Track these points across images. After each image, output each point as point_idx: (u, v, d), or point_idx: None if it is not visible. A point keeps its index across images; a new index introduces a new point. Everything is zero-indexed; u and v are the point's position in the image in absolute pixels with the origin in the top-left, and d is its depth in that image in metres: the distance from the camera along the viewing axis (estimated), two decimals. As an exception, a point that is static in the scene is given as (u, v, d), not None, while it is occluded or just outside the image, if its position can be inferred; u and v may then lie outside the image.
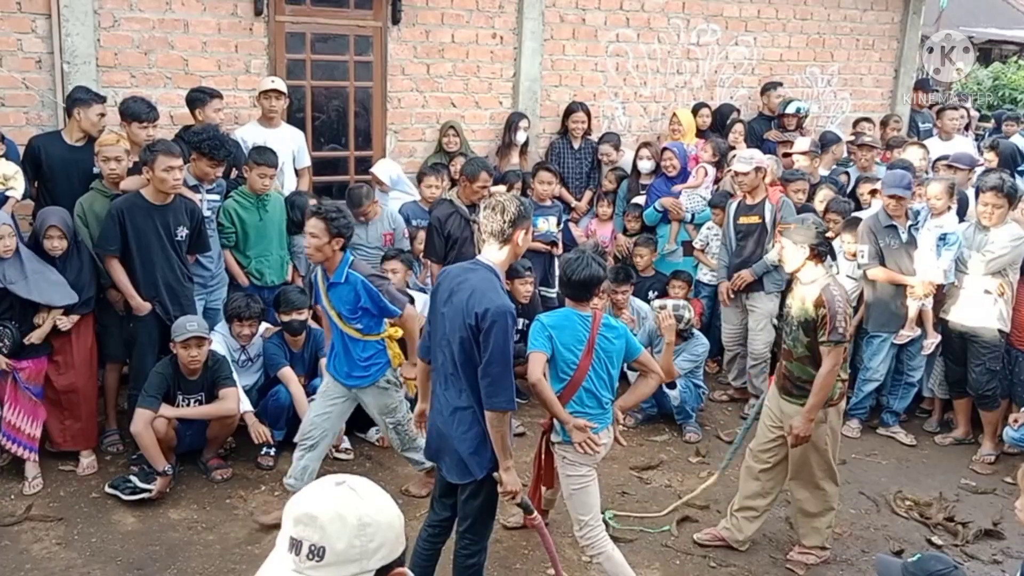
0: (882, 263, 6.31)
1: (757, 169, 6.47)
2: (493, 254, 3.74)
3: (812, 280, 4.57)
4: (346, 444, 5.87)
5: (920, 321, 6.41)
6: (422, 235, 6.60)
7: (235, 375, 5.56)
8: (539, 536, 4.04)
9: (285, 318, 5.79)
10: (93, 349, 5.54)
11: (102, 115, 5.76)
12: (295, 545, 1.64)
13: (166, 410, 5.24)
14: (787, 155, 7.93)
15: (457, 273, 3.77)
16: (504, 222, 3.67)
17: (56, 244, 5.18)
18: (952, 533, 5.23)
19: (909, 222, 6.33)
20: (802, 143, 7.95)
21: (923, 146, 7.94)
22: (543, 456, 4.42)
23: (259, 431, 5.52)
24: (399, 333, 4.96)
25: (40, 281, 5.11)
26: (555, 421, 4.20)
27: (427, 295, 6.53)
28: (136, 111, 5.82)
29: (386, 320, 4.82)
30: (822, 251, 4.61)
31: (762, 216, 6.51)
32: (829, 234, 6.77)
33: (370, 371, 4.80)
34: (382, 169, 7.13)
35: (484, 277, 3.65)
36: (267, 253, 6.15)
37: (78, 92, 5.80)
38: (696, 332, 6.48)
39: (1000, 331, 6.10)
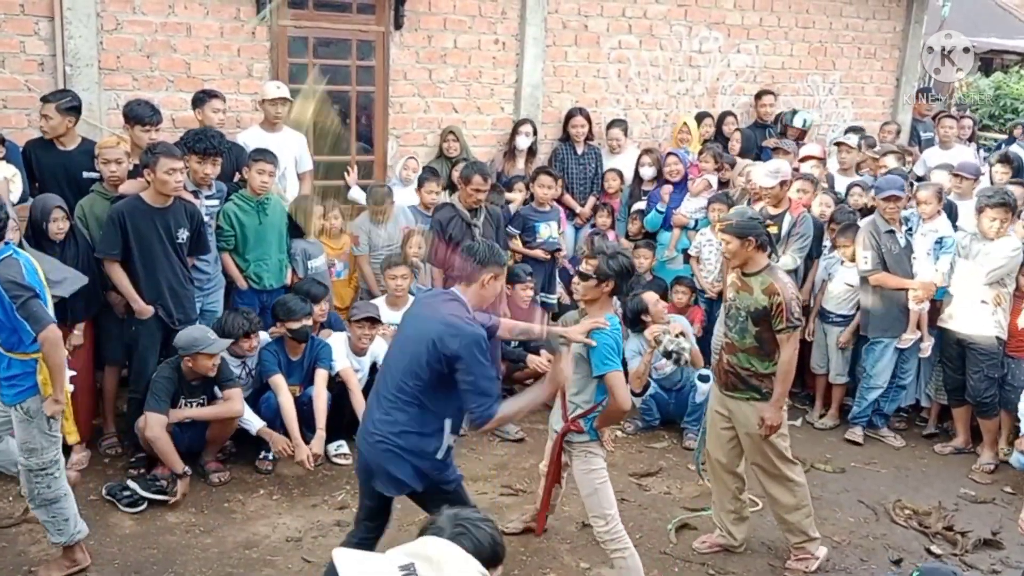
0: (884, 268, 6.34)
1: (782, 183, 6.53)
2: (462, 289, 3.89)
3: (758, 270, 4.61)
4: (344, 449, 5.86)
5: (918, 324, 6.48)
6: (415, 239, 6.68)
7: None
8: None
9: (294, 325, 5.77)
10: (90, 345, 5.55)
11: (46, 116, 5.66)
12: (407, 569, 1.73)
13: (172, 413, 5.25)
14: (802, 160, 7.90)
15: (430, 298, 3.96)
16: (471, 264, 3.83)
17: (62, 226, 5.20)
18: (951, 542, 5.22)
19: (904, 227, 6.42)
20: (812, 148, 7.94)
21: (898, 152, 8.03)
22: (558, 458, 4.41)
23: (278, 442, 5.52)
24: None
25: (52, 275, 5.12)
26: (581, 421, 4.24)
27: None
28: (139, 114, 5.82)
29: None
30: (764, 241, 4.66)
31: (779, 226, 6.53)
32: (826, 243, 6.89)
33: (13, 391, 4.13)
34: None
35: (454, 308, 3.76)
36: (266, 257, 6.13)
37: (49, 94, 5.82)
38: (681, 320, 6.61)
39: (998, 338, 6.12)
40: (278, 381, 5.66)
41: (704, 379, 6.26)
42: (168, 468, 5.19)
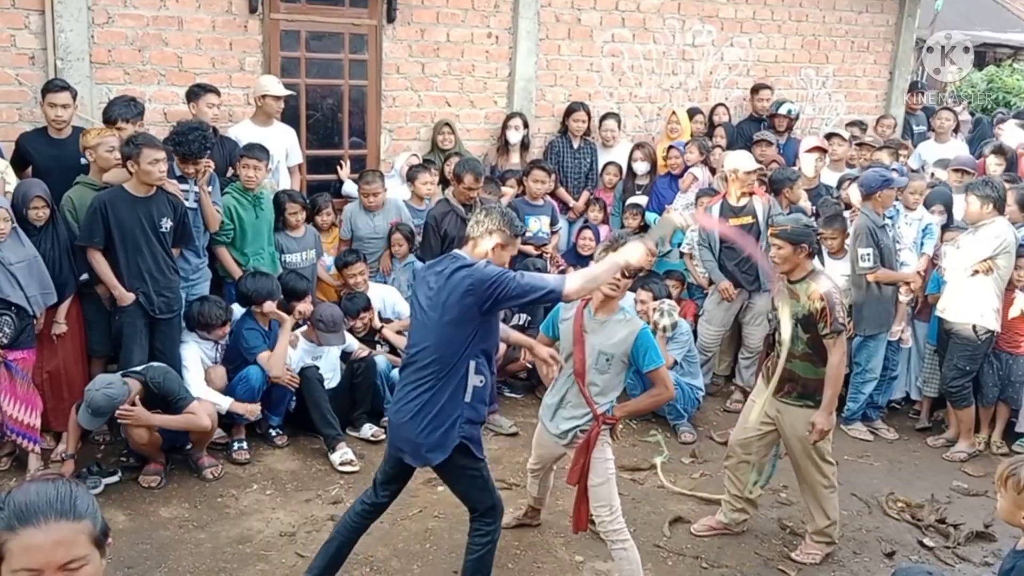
0: (882, 263, 6.35)
1: (756, 170, 6.64)
2: (467, 251, 3.89)
3: (803, 276, 4.60)
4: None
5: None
6: (396, 236, 6.76)
7: (192, 383, 5.53)
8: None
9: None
10: (80, 334, 5.57)
11: (64, 106, 5.67)
12: None
13: (141, 413, 5.12)
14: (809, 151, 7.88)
15: (435, 265, 3.91)
16: (482, 225, 3.84)
17: (41, 214, 5.20)
18: (944, 535, 5.24)
19: (886, 218, 6.50)
20: (810, 141, 7.93)
21: (892, 148, 8.07)
22: (587, 457, 4.31)
23: (248, 410, 5.61)
24: None
25: (33, 273, 5.13)
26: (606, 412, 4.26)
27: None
28: (115, 114, 5.82)
29: None
30: (816, 249, 4.68)
31: (754, 215, 6.55)
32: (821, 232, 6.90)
33: None
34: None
35: (464, 263, 3.77)
36: (261, 251, 6.17)
37: (47, 83, 5.81)
38: (681, 322, 6.57)
39: (974, 327, 6.17)
40: (266, 358, 5.72)
41: None
42: (155, 461, 5.27)
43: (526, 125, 7.80)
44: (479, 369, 3.82)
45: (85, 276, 5.49)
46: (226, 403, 5.57)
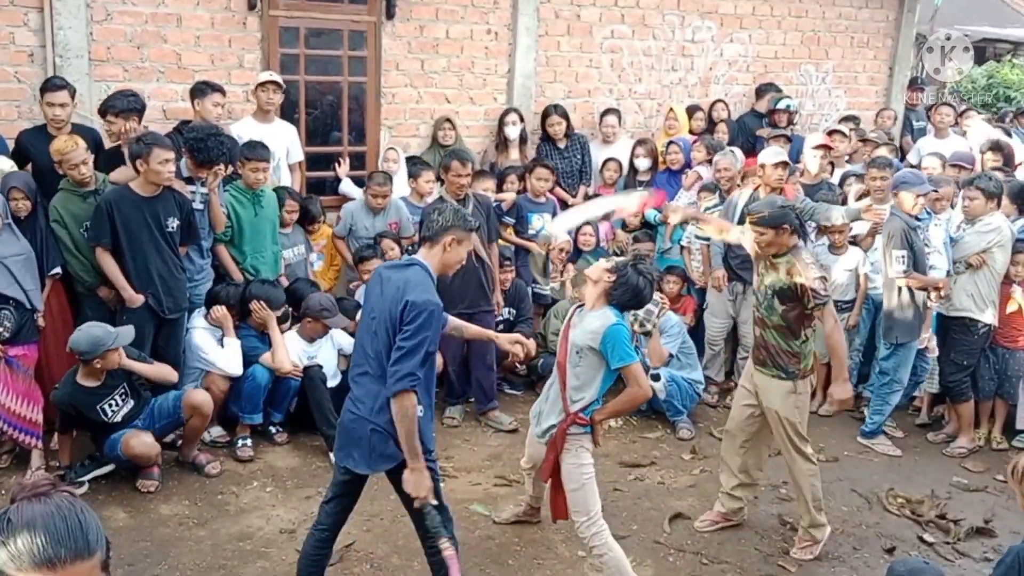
0: (914, 267, 6.06)
1: (784, 164, 6.52)
2: (424, 253, 3.83)
3: (785, 252, 4.65)
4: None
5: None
6: (386, 242, 6.69)
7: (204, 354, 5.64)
8: (449, 565, 3.69)
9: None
10: (68, 326, 5.55)
11: (63, 105, 5.64)
12: None
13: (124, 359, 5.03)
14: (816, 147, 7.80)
15: (390, 269, 3.85)
16: (436, 224, 3.78)
17: (21, 205, 5.21)
18: (944, 531, 5.24)
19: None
20: (815, 138, 7.90)
21: (891, 145, 8.07)
22: (557, 454, 4.31)
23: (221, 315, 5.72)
24: None
25: (29, 268, 5.17)
26: (583, 414, 4.23)
27: None
28: (107, 106, 5.79)
29: None
30: (797, 226, 4.71)
31: None
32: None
33: None
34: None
35: (416, 273, 3.71)
36: (262, 249, 6.13)
37: (45, 82, 5.78)
38: (669, 315, 6.53)
39: (969, 319, 6.17)
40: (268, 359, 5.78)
41: (655, 378, 6.22)
42: (153, 465, 5.26)
43: (522, 119, 7.77)
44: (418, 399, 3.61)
45: (59, 270, 5.46)
46: (233, 343, 5.69)
